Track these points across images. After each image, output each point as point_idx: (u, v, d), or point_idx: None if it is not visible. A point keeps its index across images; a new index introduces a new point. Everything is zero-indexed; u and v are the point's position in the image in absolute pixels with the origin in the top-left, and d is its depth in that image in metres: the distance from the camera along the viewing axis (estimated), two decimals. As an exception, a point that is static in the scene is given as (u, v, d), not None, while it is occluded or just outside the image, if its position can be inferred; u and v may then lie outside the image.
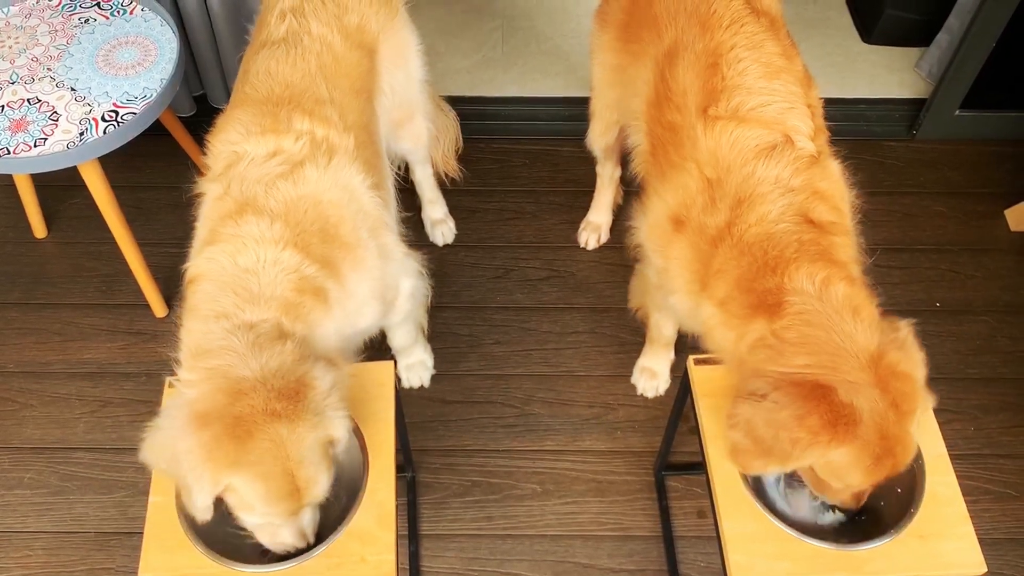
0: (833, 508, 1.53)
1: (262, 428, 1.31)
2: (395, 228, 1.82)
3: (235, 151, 1.59)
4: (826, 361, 1.35)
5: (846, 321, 1.38)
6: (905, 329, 1.42)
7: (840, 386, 1.33)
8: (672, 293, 1.65)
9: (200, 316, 1.43)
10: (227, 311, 1.41)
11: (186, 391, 1.37)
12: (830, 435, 1.33)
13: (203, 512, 1.34)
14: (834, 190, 1.57)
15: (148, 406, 2.26)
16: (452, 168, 2.58)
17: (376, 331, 1.85)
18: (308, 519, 1.43)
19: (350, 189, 1.61)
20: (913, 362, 1.39)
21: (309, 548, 1.43)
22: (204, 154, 1.68)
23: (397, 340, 2.13)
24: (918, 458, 1.49)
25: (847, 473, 1.38)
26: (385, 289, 1.73)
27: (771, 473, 1.45)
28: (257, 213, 1.49)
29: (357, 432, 1.51)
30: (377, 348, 2.07)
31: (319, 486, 1.37)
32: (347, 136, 1.65)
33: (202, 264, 1.48)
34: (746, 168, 1.52)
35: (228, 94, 2.77)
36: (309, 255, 1.49)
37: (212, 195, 1.58)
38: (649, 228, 1.69)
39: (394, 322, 1.95)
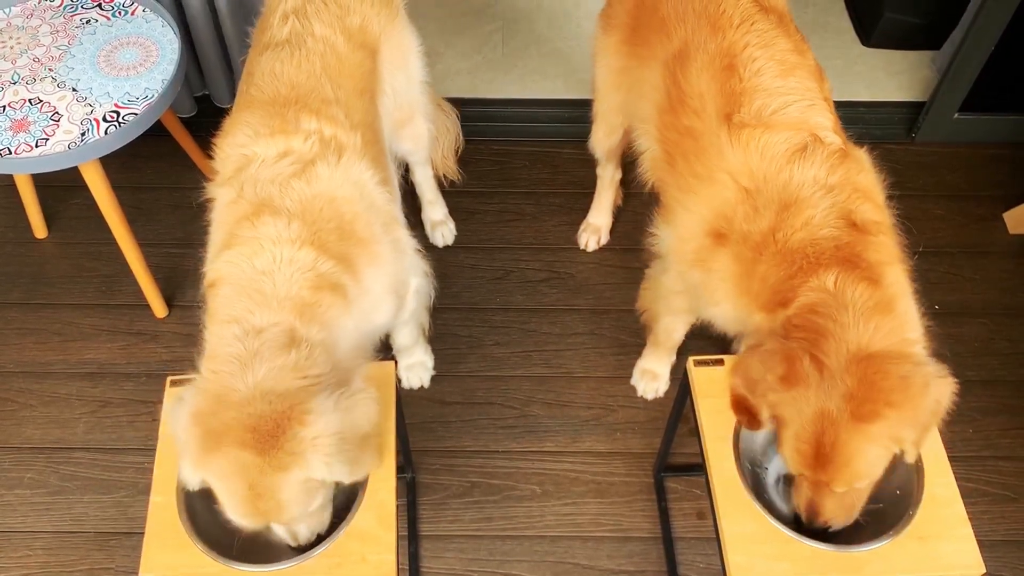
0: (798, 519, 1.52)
1: (227, 449, 1.29)
2: (405, 224, 1.83)
3: (244, 154, 1.58)
4: (811, 337, 1.39)
5: (847, 315, 1.39)
6: (933, 371, 1.38)
7: (807, 359, 1.37)
8: (716, 304, 1.65)
9: (217, 320, 1.43)
10: (238, 316, 1.40)
11: (199, 384, 1.38)
12: (782, 384, 1.39)
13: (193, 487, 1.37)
14: (871, 184, 1.59)
15: (148, 406, 2.27)
16: (451, 170, 2.58)
17: (390, 328, 1.84)
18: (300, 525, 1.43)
19: (361, 185, 1.61)
20: (907, 395, 1.35)
21: (309, 547, 1.43)
22: (211, 158, 1.68)
23: (401, 339, 2.14)
24: (917, 459, 1.50)
25: (784, 432, 1.41)
26: (399, 284, 1.73)
27: (759, 408, 1.47)
28: (274, 214, 1.49)
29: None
30: (378, 349, 2.07)
31: (286, 515, 1.35)
32: (354, 134, 1.65)
33: (221, 267, 1.48)
34: (783, 174, 1.52)
35: (233, 94, 2.78)
36: (326, 252, 1.48)
37: (224, 199, 1.57)
38: (682, 242, 1.68)
39: (401, 320, 1.95)
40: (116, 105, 2.06)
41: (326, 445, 1.31)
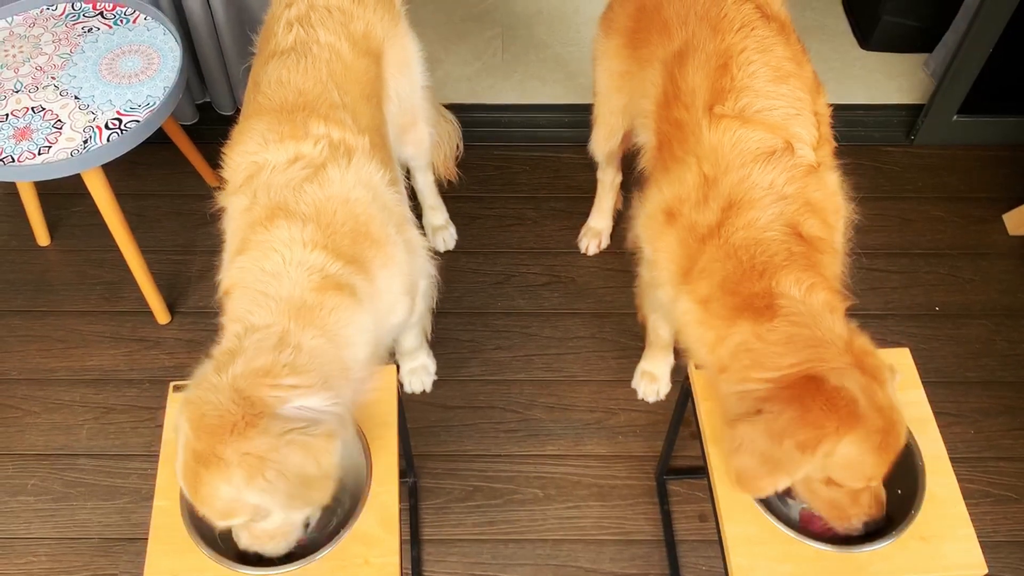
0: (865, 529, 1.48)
1: (181, 423, 1.32)
2: (416, 224, 1.83)
3: (255, 161, 1.58)
4: (812, 355, 1.37)
5: (825, 316, 1.41)
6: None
7: (829, 373, 1.35)
8: (660, 286, 1.66)
9: (227, 321, 1.45)
10: (241, 315, 1.42)
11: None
12: (836, 422, 1.32)
13: None
14: (827, 203, 1.57)
15: (151, 412, 2.27)
16: (451, 173, 2.59)
17: (402, 329, 1.83)
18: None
19: (372, 186, 1.61)
20: (870, 343, 1.44)
21: (310, 551, 1.44)
22: (214, 166, 1.68)
23: (406, 343, 2.14)
24: (918, 459, 1.50)
25: (864, 460, 1.35)
26: (412, 285, 1.73)
27: (783, 487, 1.41)
28: (288, 217, 1.49)
29: (360, 435, 1.52)
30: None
31: (238, 521, 1.35)
32: (362, 137, 1.65)
33: (234, 274, 1.48)
34: (743, 170, 1.53)
35: (234, 101, 2.79)
36: (338, 254, 1.48)
37: (238, 207, 1.57)
38: (645, 218, 1.70)
39: (411, 321, 1.94)
40: (118, 112, 2.07)
41: (251, 465, 1.28)
